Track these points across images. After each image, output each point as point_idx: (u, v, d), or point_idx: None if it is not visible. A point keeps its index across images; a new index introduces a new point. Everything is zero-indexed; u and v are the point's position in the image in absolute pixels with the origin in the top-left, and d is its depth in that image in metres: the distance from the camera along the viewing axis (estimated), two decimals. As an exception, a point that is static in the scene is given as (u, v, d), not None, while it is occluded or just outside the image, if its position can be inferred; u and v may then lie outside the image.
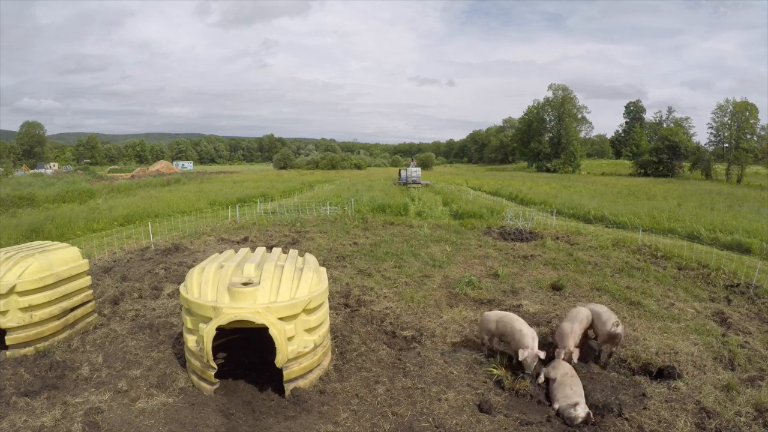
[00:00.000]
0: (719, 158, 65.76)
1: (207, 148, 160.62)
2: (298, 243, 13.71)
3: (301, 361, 5.24)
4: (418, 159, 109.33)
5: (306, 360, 5.30)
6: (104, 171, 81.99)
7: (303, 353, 5.24)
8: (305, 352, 5.25)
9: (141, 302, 8.11)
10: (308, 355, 5.32)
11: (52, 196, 27.73)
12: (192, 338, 5.21)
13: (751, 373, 5.92)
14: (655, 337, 6.89)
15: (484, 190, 38.43)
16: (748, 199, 30.37)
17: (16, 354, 5.90)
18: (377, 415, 4.89)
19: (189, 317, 5.22)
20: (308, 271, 5.53)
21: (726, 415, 4.90)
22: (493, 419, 4.86)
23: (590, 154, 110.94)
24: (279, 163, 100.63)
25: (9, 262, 5.92)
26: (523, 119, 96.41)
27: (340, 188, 34.69)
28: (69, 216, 18.19)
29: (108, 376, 5.52)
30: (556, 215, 21.45)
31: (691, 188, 40.45)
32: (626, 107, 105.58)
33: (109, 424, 4.54)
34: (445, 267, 11.04)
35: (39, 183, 40.45)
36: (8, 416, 4.58)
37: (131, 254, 11.96)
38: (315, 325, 5.38)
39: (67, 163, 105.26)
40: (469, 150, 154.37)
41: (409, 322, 7.42)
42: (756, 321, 7.91)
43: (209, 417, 4.81)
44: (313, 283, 5.43)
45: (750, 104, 65.19)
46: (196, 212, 20.75)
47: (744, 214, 21.39)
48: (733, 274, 10.62)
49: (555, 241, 14.53)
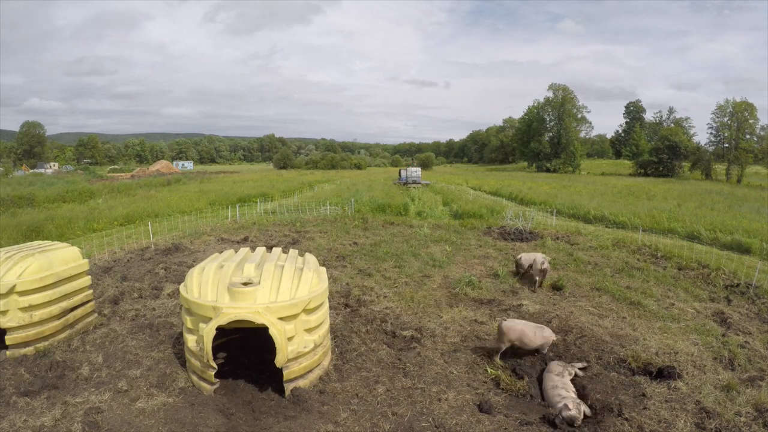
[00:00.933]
0: (719, 158, 65.76)
1: (207, 147, 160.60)
2: (298, 243, 13.71)
3: (301, 361, 5.24)
4: (418, 159, 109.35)
5: (306, 360, 5.30)
6: (104, 171, 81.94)
7: (303, 353, 5.24)
8: (305, 352, 5.26)
9: (141, 302, 8.11)
10: (308, 355, 5.32)
11: (52, 196, 27.73)
12: (192, 338, 5.22)
13: (751, 373, 5.92)
14: (655, 337, 6.89)
15: (484, 190, 38.43)
16: (748, 199, 30.38)
17: (16, 354, 5.90)
18: (377, 415, 4.89)
19: (189, 317, 5.22)
20: (308, 271, 5.53)
21: (726, 415, 4.90)
22: (493, 419, 4.86)
23: (590, 154, 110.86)
24: (279, 163, 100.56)
25: (9, 262, 5.92)
26: (523, 119, 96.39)
27: (340, 188, 34.69)
28: (69, 216, 18.19)
29: (108, 376, 5.52)
30: (556, 215, 21.45)
31: (691, 188, 40.45)
32: (626, 107, 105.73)
33: (109, 424, 4.54)
34: (445, 267, 11.03)
35: (39, 183, 40.45)
36: (8, 416, 4.58)
37: (131, 254, 11.95)
38: (315, 325, 5.38)
39: (68, 162, 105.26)
40: (469, 150, 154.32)
41: (409, 322, 7.42)
42: (756, 321, 7.91)
43: (209, 417, 4.81)
44: (313, 283, 5.43)
45: (749, 104, 65.22)
46: (196, 212, 20.74)
47: (744, 214, 21.40)
48: (733, 274, 10.62)
49: (555, 241, 14.53)
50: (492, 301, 8.54)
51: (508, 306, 8.25)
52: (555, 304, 8.46)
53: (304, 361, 5.29)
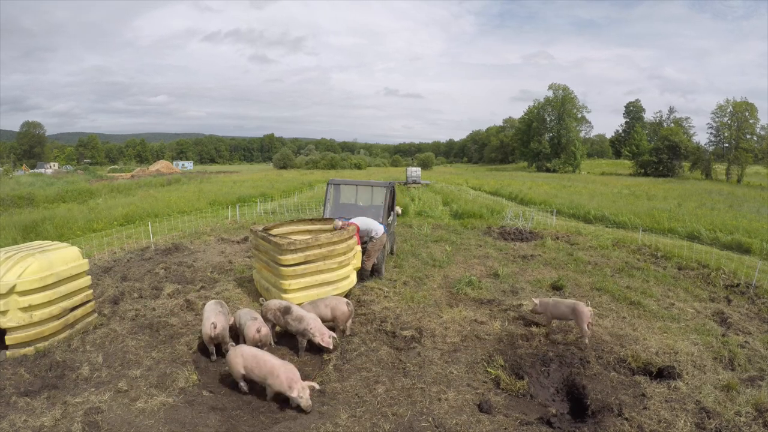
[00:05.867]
0: (719, 158, 65.77)
1: (207, 147, 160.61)
2: (298, 243, 13.71)
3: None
4: (418, 159, 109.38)
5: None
6: (104, 171, 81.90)
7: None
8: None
9: (141, 302, 8.10)
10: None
11: (52, 196, 27.70)
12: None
13: (751, 373, 5.92)
14: (655, 337, 6.89)
15: (484, 190, 38.40)
16: (748, 199, 30.38)
17: (16, 354, 5.90)
18: (377, 415, 4.89)
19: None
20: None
21: (726, 415, 4.90)
22: (493, 419, 4.86)
23: (590, 154, 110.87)
24: (279, 163, 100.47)
25: (9, 262, 5.92)
26: (523, 119, 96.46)
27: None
28: (69, 216, 18.17)
29: (108, 376, 5.53)
30: (556, 215, 21.44)
31: (691, 188, 40.45)
32: (626, 107, 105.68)
33: (109, 424, 4.54)
34: (445, 267, 11.03)
35: (39, 183, 40.43)
36: (8, 416, 4.58)
37: (131, 254, 11.95)
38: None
39: (68, 162, 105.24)
40: (469, 150, 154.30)
41: (409, 321, 7.42)
42: (756, 321, 7.91)
43: (209, 417, 4.81)
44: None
45: (750, 104, 65.24)
46: (196, 212, 20.72)
47: (744, 214, 21.39)
48: (733, 274, 10.62)
49: (555, 241, 14.53)
50: (492, 301, 8.54)
51: (508, 306, 8.25)
52: (555, 304, 8.45)
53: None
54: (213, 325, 5.97)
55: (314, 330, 6.16)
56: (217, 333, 5.97)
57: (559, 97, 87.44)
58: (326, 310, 6.88)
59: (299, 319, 6.30)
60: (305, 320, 6.26)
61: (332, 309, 6.88)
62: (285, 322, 6.41)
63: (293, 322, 6.32)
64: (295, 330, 6.34)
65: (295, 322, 6.30)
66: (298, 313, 6.39)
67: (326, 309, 6.89)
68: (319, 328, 6.22)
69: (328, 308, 6.90)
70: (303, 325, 6.23)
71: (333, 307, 6.89)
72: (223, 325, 6.07)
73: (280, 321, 6.46)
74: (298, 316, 6.32)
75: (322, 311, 6.87)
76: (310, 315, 6.41)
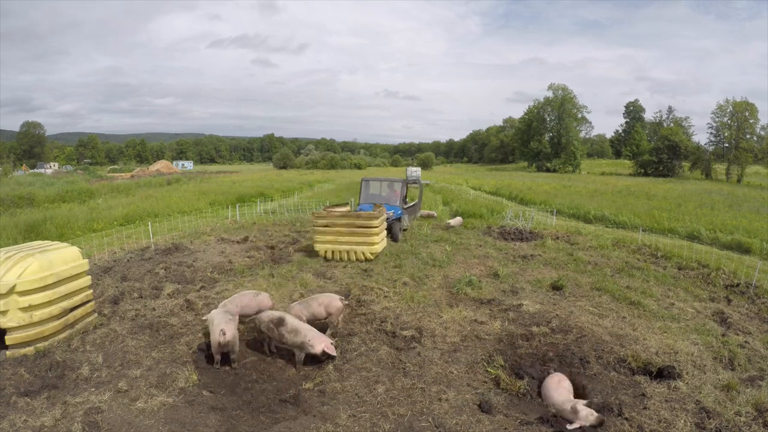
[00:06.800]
0: (719, 158, 65.69)
1: (207, 147, 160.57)
2: (298, 243, 13.72)
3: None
4: (418, 159, 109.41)
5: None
6: (104, 171, 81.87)
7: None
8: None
9: (141, 302, 8.11)
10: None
11: (52, 196, 27.68)
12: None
13: (751, 373, 5.92)
14: (655, 337, 6.89)
15: (484, 190, 38.40)
16: (748, 199, 30.35)
17: (16, 354, 5.90)
18: (377, 415, 4.89)
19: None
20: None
21: (726, 415, 4.90)
22: (493, 419, 4.86)
23: (590, 154, 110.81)
24: (279, 163, 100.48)
25: (9, 262, 5.92)
26: (523, 119, 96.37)
27: (340, 188, 34.69)
28: (69, 216, 18.17)
29: (108, 376, 5.53)
30: (556, 215, 21.44)
31: (691, 188, 40.41)
32: (626, 107, 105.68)
33: (109, 424, 4.54)
34: (445, 267, 11.03)
35: (39, 183, 40.38)
36: (8, 416, 4.58)
37: (131, 254, 11.95)
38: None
39: (68, 162, 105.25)
40: (469, 150, 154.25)
41: (409, 321, 7.42)
42: (756, 321, 7.91)
43: (209, 417, 4.81)
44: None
45: (750, 104, 65.08)
46: (196, 212, 20.73)
47: (744, 214, 21.37)
48: (733, 274, 10.62)
49: (555, 240, 14.53)
50: (492, 301, 8.54)
51: (508, 306, 8.25)
52: (555, 304, 8.46)
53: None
54: (222, 332, 5.78)
55: (313, 341, 5.96)
56: (226, 340, 5.80)
57: (559, 97, 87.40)
58: (320, 309, 6.92)
59: (295, 331, 6.03)
60: (301, 332, 6.03)
61: (326, 306, 6.93)
62: (279, 335, 6.12)
63: (288, 335, 6.04)
64: (291, 343, 6.06)
65: (291, 335, 6.03)
66: (293, 324, 6.12)
67: (320, 307, 6.93)
68: (317, 336, 6.04)
69: (322, 306, 6.94)
70: (299, 338, 6.01)
71: (327, 305, 6.94)
72: (233, 333, 5.89)
73: (274, 334, 6.18)
74: (293, 328, 6.06)
75: (315, 310, 6.90)
76: (305, 326, 6.19)
